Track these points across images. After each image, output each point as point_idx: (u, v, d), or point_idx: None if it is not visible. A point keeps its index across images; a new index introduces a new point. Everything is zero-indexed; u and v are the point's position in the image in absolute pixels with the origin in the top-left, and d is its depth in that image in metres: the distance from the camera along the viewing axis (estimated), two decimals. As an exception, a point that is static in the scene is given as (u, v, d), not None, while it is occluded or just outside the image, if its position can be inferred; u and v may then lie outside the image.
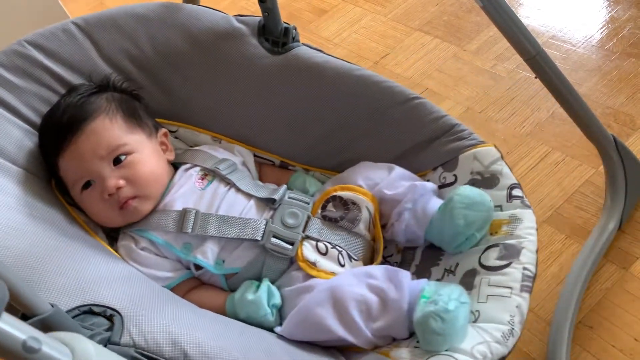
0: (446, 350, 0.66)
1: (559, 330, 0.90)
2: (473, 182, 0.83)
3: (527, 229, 0.76)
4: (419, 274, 0.83)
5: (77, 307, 0.63)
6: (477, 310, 0.71)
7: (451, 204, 0.77)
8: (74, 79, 0.91)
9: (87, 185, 0.82)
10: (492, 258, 0.75)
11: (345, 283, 0.73)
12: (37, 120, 0.87)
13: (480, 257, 0.76)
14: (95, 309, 0.64)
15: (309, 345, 0.73)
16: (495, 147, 0.85)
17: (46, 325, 0.56)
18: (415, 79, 1.43)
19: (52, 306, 0.57)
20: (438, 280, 0.80)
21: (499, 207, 0.80)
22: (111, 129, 0.83)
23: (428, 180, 0.88)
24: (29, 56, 0.87)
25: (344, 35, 1.59)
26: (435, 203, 0.82)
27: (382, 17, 1.62)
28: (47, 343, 0.39)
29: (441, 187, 0.87)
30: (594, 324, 0.95)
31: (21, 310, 0.54)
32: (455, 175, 0.86)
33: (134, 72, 0.94)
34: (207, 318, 0.71)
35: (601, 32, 1.42)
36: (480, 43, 1.48)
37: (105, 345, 0.60)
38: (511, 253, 0.74)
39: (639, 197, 1.05)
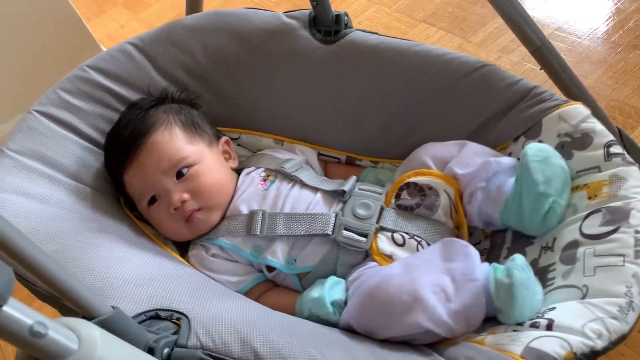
0: (548, 329, 0.56)
1: None
2: (562, 145, 0.73)
3: (634, 188, 0.65)
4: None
5: (144, 313, 0.61)
6: (584, 286, 0.61)
7: (525, 158, 0.69)
8: (135, 96, 0.91)
9: (153, 200, 0.81)
10: (595, 225, 0.65)
11: (413, 265, 0.66)
12: (102, 140, 0.88)
13: (581, 225, 0.66)
14: (162, 314, 0.62)
15: (391, 344, 0.65)
16: (584, 104, 0.75)
17: (107, 328, 0.54)
18: (419, 72, 1.41)
19: (113, 308, 0.55)
20: (535, 259, 0.70)
21: (597, 168, 0.69)
22: (171, 141, 0.82)
23: (510, 154, 0.80)
24: (91, 80, 0.89)
25: None
26: (513, 182, 0.73)
27: (387, 9, 1.61)
28: (54, 328, 0.38)
29: (526, 157, 0.77)
30: None
31: (81, 312, 0.53)
32: (540, 141, 0.76)
33: (190, 83, 0.94)
34: (277, 317, 0.66)
35: (607, 24, 1.39)
36: (485, 35, 1.45)
37: (172, 349, 0.57)
38: (618, 217, 0.63)
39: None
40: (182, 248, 0.85)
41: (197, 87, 0.94)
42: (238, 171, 0.89)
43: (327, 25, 0.90)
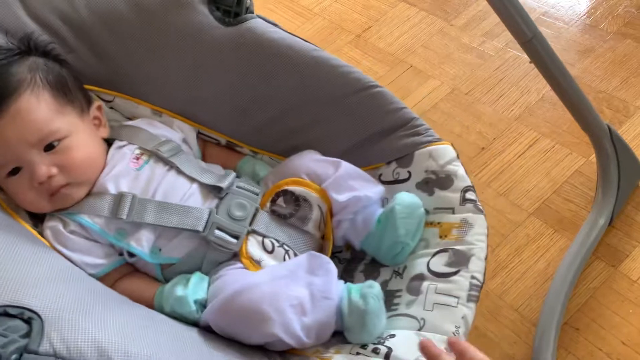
0: (386, 359, 0.64)
1: (544, 331, 0.87)
2: (427, 181, 0.81)
3: (477, 235, 0.75)
4: (367, 273, 0.81)
5: (-10, 310, 0.57)
6: (422, 318, 0.69)
7: (393, 214, 0.76)
8: (-5, 37, 0.80)
9: (15, 171, 0.73)
10: (440, 264, 0.74)
11: (278, 276, 0.70)
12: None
13: (429, 261, 0.75)
14: (11, 311, 0.58)
15: (246, 348, 0.69)
16: (452, 146, 0.82)
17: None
18: (398, 55, 1.36)
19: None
20: (386, 281, 0.78)
21: (451, 210, 0.78)
22: (39, 110, 0.74)
23: (380, 175, 0.85)
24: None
25: (325, 4, 1.49)
26: (377, 216, 0.79)
27: (366, -15, 1.54)
28: None
29: (394, 182, 0.84)
30: (580, 325, 0.91)
31: None
32: (409, 172, 0.83)
33: (65, 33, 0.84)
34: (138, 317, 0.66)
35: (595, 10, 1.35)
36: (469, 18, 1.39)
37: (21, 355, 0.54)
38: (460, 260, 0.73)
39: (631, 192, 1.01)
40: (37, 216, 0.79)
41: (72, 39, 0.85)
42: (108, 141, 0.84)
43: (227, 5, 0.85)
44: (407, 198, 0.77)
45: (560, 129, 1.16)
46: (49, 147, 0.74)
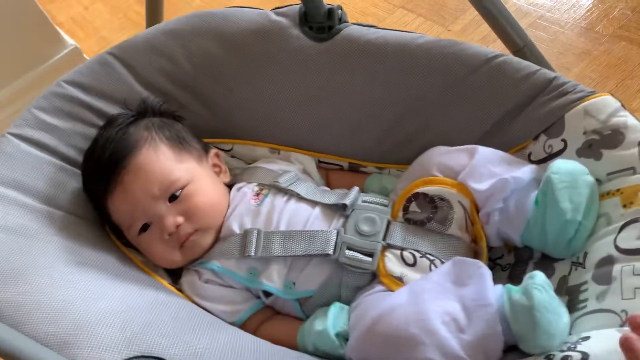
0: None
1: None
2: (589, 144, 0.65)
3: (676, 193, 0.56)
4: (540, 272, 0.65)
5: (123, 362, 0.54)
6: (623, 311, 0.52)
7: (551, 185, 0.60)
8: (117, 110, 0.84)
9: (145, 227, 0.74)
10: (633, 238, 0.56)
11: (421, 291, 0.59)
12: (82, 160, 0.81)
13: (616, 238, 0.57)
14: (143, 360, 0.55)
15: None
16: (612, 95, 0.66)
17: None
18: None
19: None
20: (564, 277, 0.62)
21: (631, 170, 0.61)
22: (157, 161, 0.74)
23: (530, 154, 0.71)
24: (68, 95, 0.82)
25: None
26: (533, 199, 0.64)
27: (364, -8, 1.55)
28: None
29: (548, 158, 0.69)
30: None
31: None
32: (564, 140, 0.67)
33: (174, 92, 0.86)
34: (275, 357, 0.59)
35: (591, 13, 1.34)
36: (466, 23, 1.39)
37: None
38: (659, 227, 0.55)
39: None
40: (175, 273, 0.78)
41: (182, 96, 0.86)
42: (229, 186, 0.82)
43: (319, 21, 0.81)
44: (564, 164, 0.62)
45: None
46: (173, 198, 0.73)
